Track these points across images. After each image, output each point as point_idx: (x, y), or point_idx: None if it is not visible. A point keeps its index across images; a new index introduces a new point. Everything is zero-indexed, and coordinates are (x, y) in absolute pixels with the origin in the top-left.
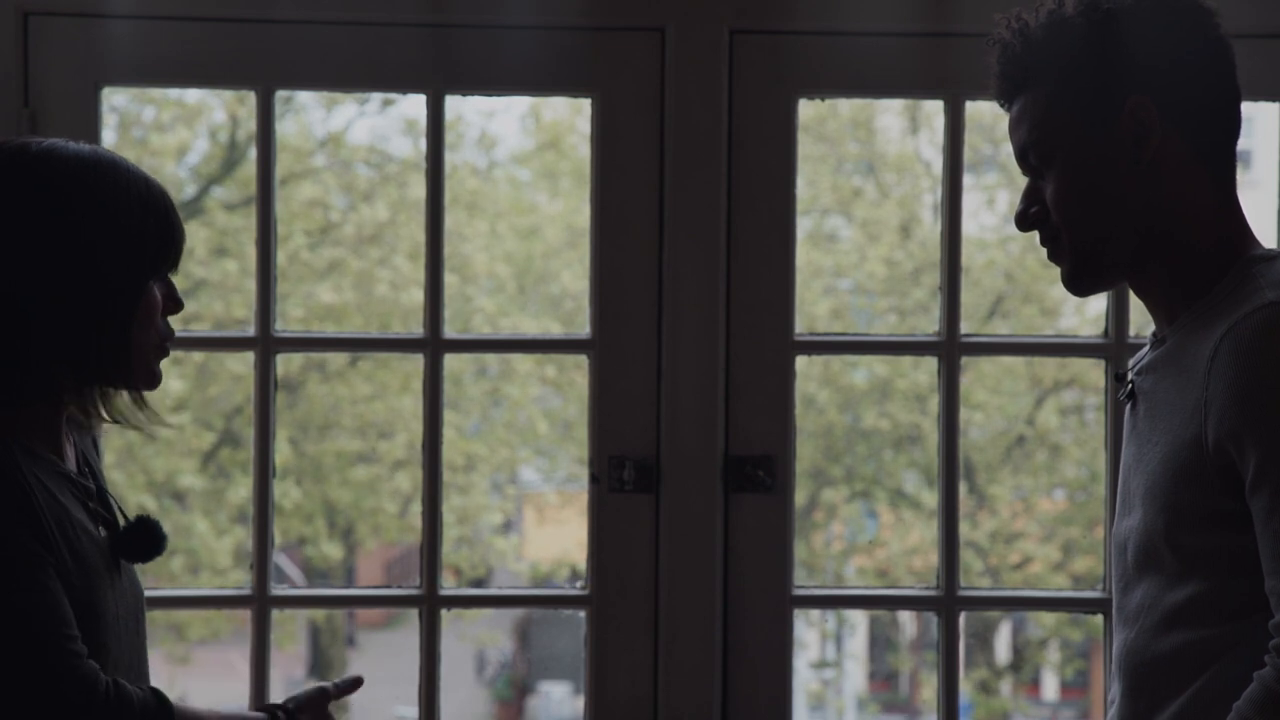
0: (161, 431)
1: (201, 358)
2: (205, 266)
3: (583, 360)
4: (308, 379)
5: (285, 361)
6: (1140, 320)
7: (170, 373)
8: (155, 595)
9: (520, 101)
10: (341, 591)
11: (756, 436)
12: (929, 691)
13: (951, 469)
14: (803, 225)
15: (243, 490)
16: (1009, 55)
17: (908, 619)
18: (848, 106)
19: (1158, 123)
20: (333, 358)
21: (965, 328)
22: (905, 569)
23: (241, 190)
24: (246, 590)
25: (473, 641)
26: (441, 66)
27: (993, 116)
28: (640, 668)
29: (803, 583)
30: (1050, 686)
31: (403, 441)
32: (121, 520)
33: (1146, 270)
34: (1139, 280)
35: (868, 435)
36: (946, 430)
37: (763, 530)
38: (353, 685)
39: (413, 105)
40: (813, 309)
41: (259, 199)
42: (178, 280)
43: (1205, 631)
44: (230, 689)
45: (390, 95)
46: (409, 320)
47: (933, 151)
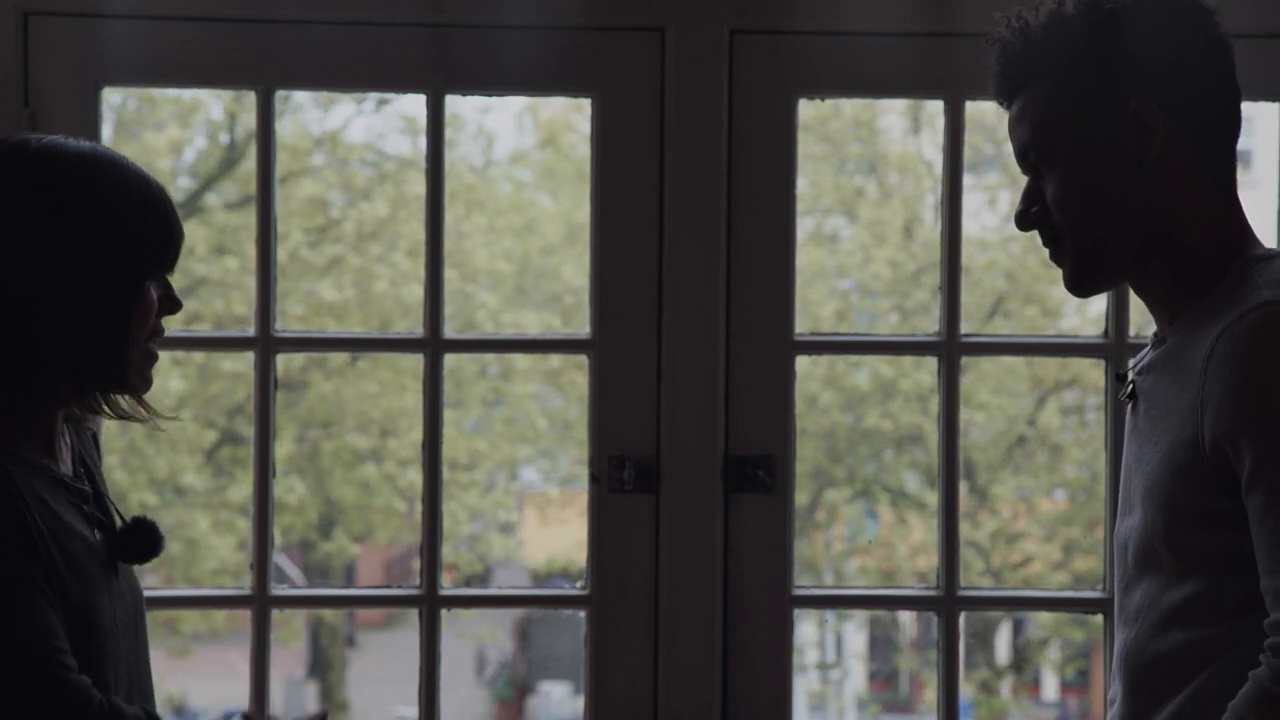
0: (165, 425)
1: (202, 355)
2: (205, 264)
3: (582, 359)
4: (310, 376)
5: (287, 359)
6: (1140, 320)
7: (171, 372)
8: (155, 595)
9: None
10: (341, 591)
11: (756, 436)
12: (930, 691)
13: (952, 469)
14: (806, 226)
15: (244, 488)
16: (1009, 54)
17: (908, 619)
18: (850, 106)
19: (1160, 123)
20: (333, 356)
21: (966, 328)
22: (908, 570)
23: (241, 189)
24: (246, 590)
25: (473, 639)
26: (441, 66)
27: (994, 116)
28: (640, 668)
29: (803, 583)
30: (1050, 686)
31: (404, 438)
32: (118, 522)
33: (1148, 270)
34: (1140, 280)
35: (870, 436)
36: (946, 430)
37: (763, 530)
38: None
39: (410, 103)
40: (818, 310)
41: (259, 198)
42: (177, 279)
43: (1203, 631)
44: (230, 689)
45: (386, 94)
46: (409, 316)
47: (935, 152)
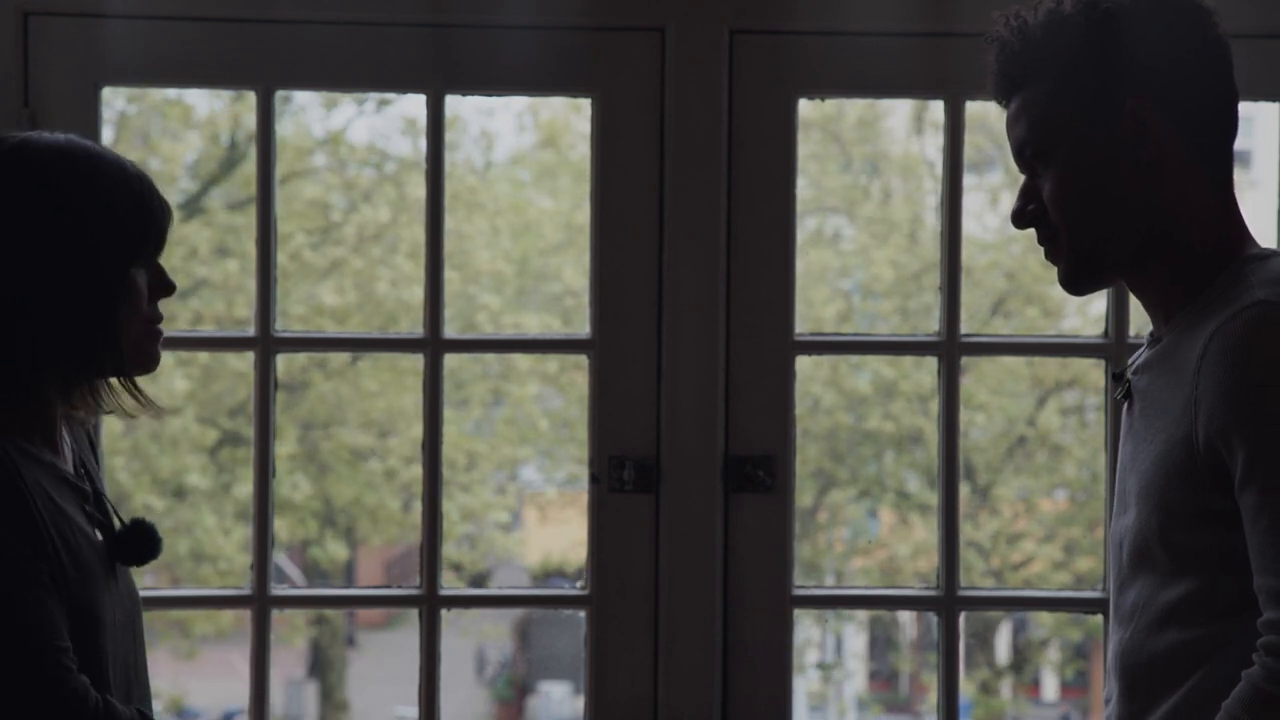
0: (162, 417)
1: (205, 356)
2: (207, 266)
3: (582, 360)
4: (311, 377)
5: (289, 360)
6: (1141, 321)
7: (175, 372)
8: (156, 595)
9: (518, 100)
10: (341, 591)
11: (756, 436)
12: (930, 692)
13: (952, 469)
14: (809, 226)
15: (248, 486)
16: (1007, 53)
17: (908, 619)
18: (853, 107)
19: (1158, 122)
20: (335, 356)
21: (967, 328)
22: (909, 571)
23: (242, 190)
24: (247, 590)
25: (474, 636)
26: (441, 66)
27: (996, 116)
28: (640, 668)
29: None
30: (1050, 687)
31: (406, 438)
32: (117, 523)
33: (1146, 270)
34: (1138, 280)
35: (871, 437)
36: (947, 430)
37: (763, 530)
38: None
39: (411, 104)
40: (819, 311)
41: (259, 199)
42: (179, 280)
43: (1198, 630)
44: (231, 689)
45: (386, 95)
46: (410, 319)
47: (938, 153)
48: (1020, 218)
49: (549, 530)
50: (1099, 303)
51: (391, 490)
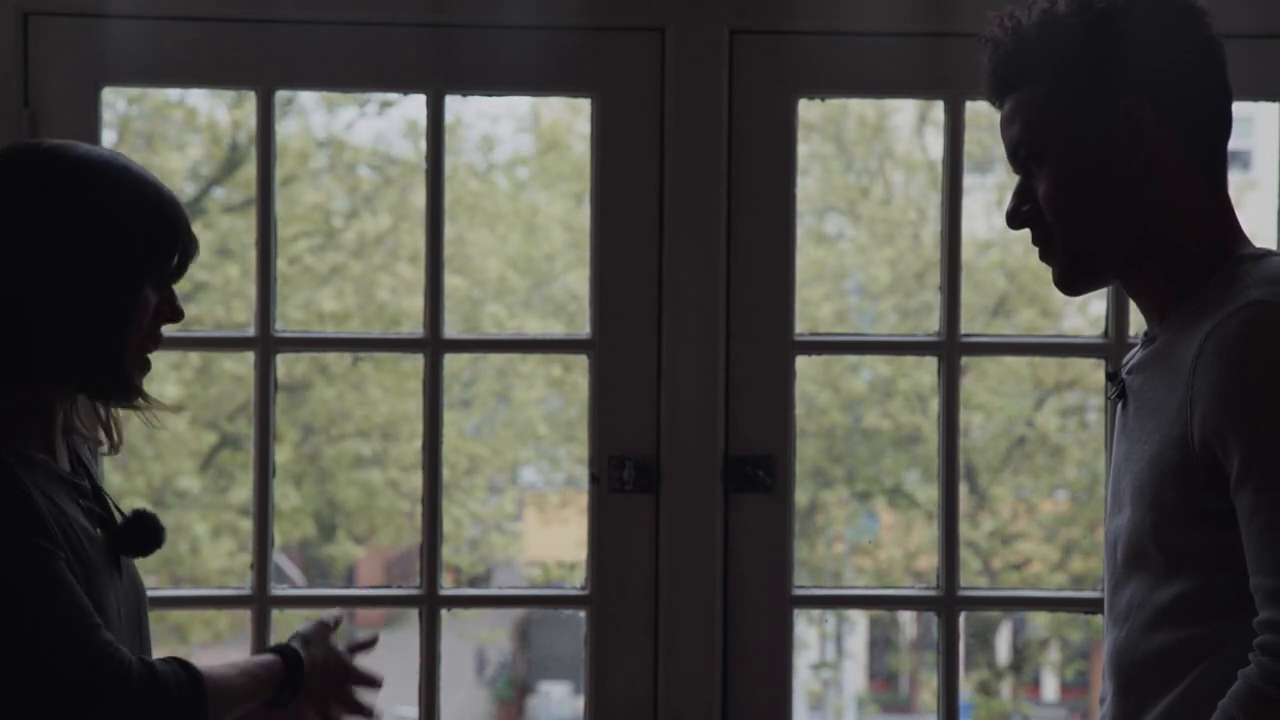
0: (166, 417)
1: (201, 360)
2: (208, 270)
3: (583, 363)
4: (311, 379)
5: (288, 365)
6: (1141, 321)
7: (169, 376)
8: (155, 595)
9: (520, 105)
10: (341, 591)
11: (756, 436)
12: (929, 692)
13: (952, 469)
14: (809, 225)
15: (243, 491)
16: (1001, 53)
17: (908, 619)
18: (857, 106)
19: (1153, 123)
20: (335, 361)
21: (968, 328)
22: (906, 570)
23: (243, 193)
24: (246, 590)
25: (473, 639)
26: (441, 66)
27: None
28: (640, 668)
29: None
30: (1050, 687)
31: (405, 442)
32: (118, 516)
33: (1141, 270)
34: (1133, 280)
35: (869, 436)
36: (947, 430)
37: (763, 530)
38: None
39: (413, 107)
40: (815, 311)
41: (259, 199)
42: (181, 286)
43: (1193, 630)
44: None
45: (389, 97)
46: (412, 323)
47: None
48: (1015, 218)
49: (550, 530)
50: (1099, 303)
51: (392, 495)
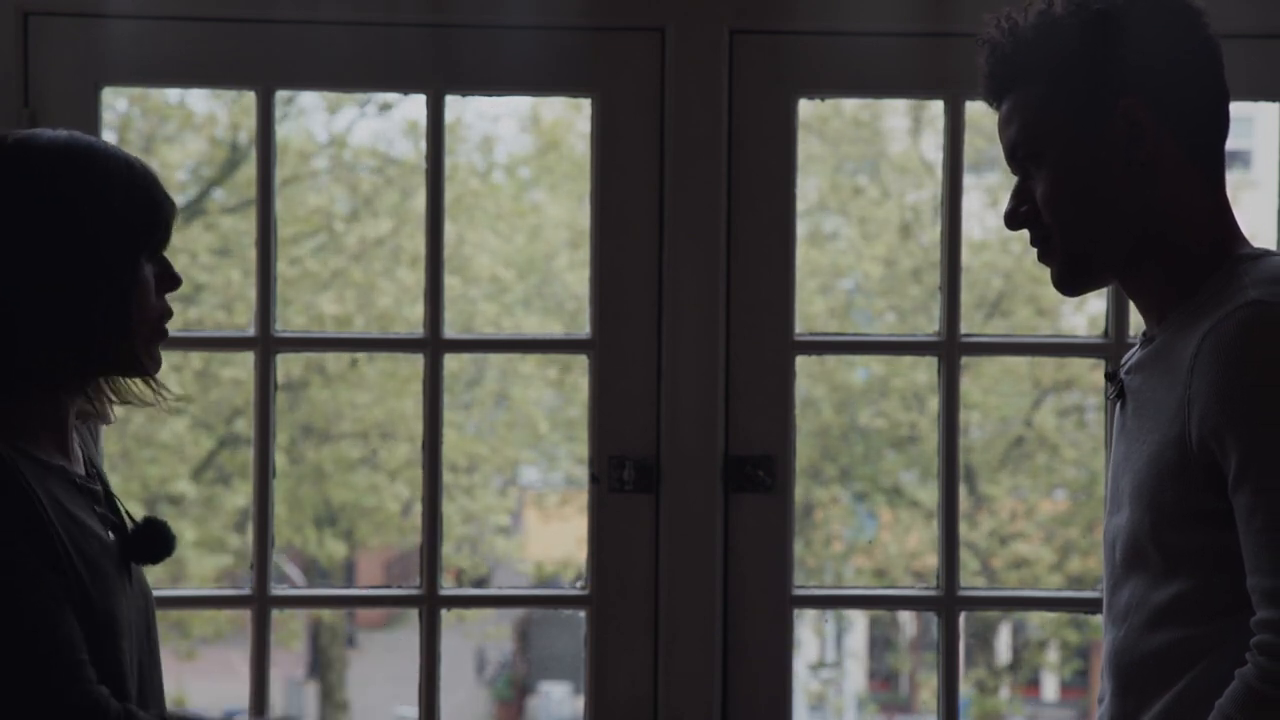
0: (174, 409)
1: (200, 363)
2: (208, 272)
3: (583, 364)
4: (310, 381)
5: (286, 369)
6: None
7: (169, 379)
8: (156, 594)
9: (521, 105)
10: (341, 591)
11: (756, 436)
12: (929, 692)
13: (951, 469)
14: (803, 225)
15: (240, 498)
16: (998, 55)
17: (908, 619)
18: (851, 106)
19: (1152, 123)
20: (334, 363)
21: (963, 328)
22: (906, 570)
23: (243, 195)
24: (246, 590)
25: (475, 639)
26: (441, 66)
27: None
28: (640, 668)
29: (802, 583)
30: (1050, 687)
31: (404, 444)
32: (129, 522)
33: (1141, 271)
34: (1131, 280)
35: (865, 434)
36: (946, 430)
37: (763, 530)
38: None
39: (414, 108)
40: (806, 308)
41: (259, 199)
42: (184, 283)
43: (1191, 630)
44: (231, 689)
45: (390, 98)
46: (411, 326)
47: (935, 152)
48: (1013, 219)
49: (551, 529)
50: (1096, 303)
51: (391, 497)
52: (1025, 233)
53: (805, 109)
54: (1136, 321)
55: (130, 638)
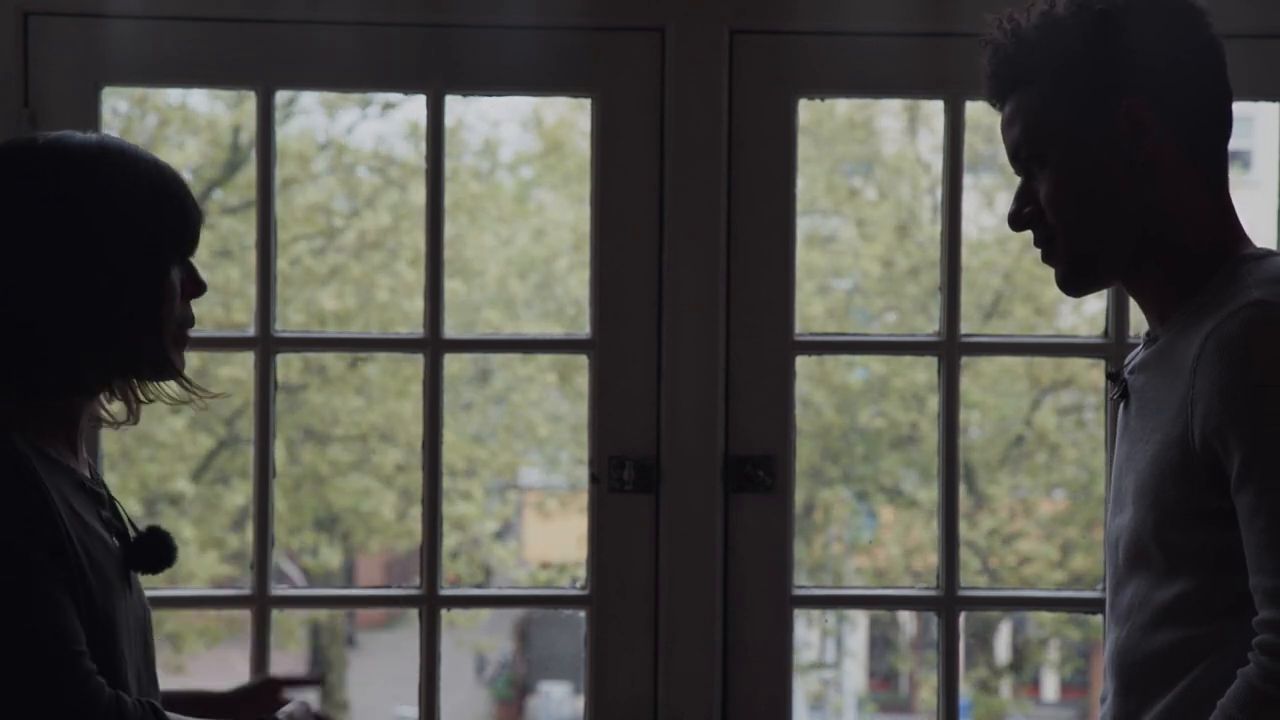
0: (210, 403)
1: (199, 361)
2: (208, 271)
3: (583, 365)
4: (309, 383)
5: (285, 370)
6: (1140, 320)
7: None
8: (155, 595)
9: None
10: (341, 591)
11: (756, 436)
12: (929, 691)
13: (951, 469)
14: (801, 226)
15: (240, 496)
16: (1001, 55)
17: (908, 619)
18: (845, 107)
19: (1154, 123)
20: (333, 365)
21: (963, 328)
22: (906, 570)
23: (244, 195)
24: (246, 590)
25: (471, 648)
26: (441, 66)
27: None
28: (640, 668)
29: (802, 583)
30: (1050, 686)
31: (402, 448)
32: (131, 531)
33: (1142, 271)
34: (1134, 280)
35: (865, 435)
36: (946, 430)
37: (763, 530)
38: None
39: (415, 109)
40: (805, 309)
41: (259, 198)
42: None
43: (1194, 629)
44: None
45: (391, 100)
46: (411, 325)
47: (930, 153)
48: (1017, 220)
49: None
50: (1095, 302)
51: (387, 500)
52: (1024, 233)
53: (800, 111)
54: (1136, 321)
55: (129, 644)
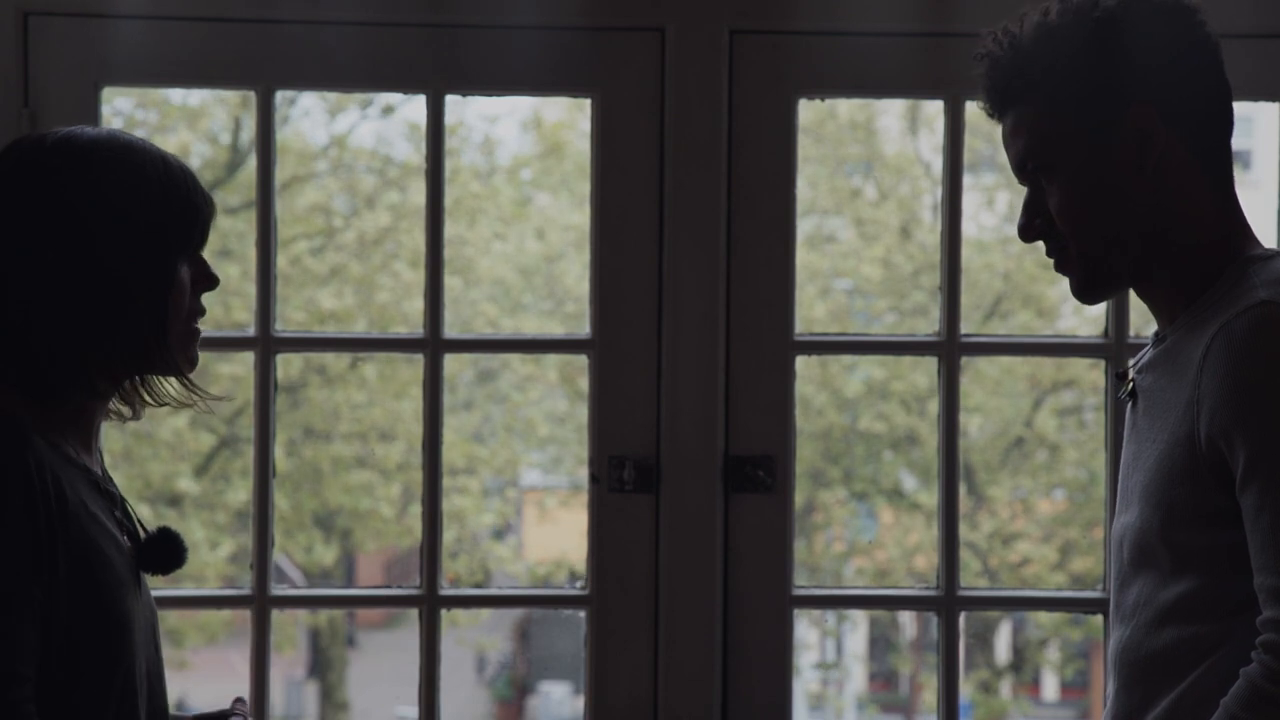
0: (214, 406)
1: (199, 362)
2: None
3: (583, 364)
4: (309, 381)
5: (285, 370)
6: (1140, 321)
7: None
8: (156, 595)
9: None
10: (341, 591)
11: (756, 436)
12: (929, 692)
13: (952, 469)
14: (801, 227)
15: (242, 493)
16: (1000, 68)
17: (908, 619)
18: (846, 108)
19: (1159, 127)
20: (332, 364)
21: (963, 329)
22: (906, 570)
23: (244, 195)
24: (246, 590)
25: (471, 647)
26: (442, 66)
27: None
28: (640, 668)
29: (802, 583)
30: (1050, 686)
31: (402, 446)
32: (141, 532)
33: (1149, 272)
34: (1141, 281)
35: (866, 437)
36: (946, 431)
37: (763, 530)
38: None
39: (415, 109)
40: (807, 312)
41: (259, 198)
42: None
43: (1198, 628)
44: (230, 690)
45: (391, 100)
46: (411, 325)
47: (930, 153)
48: (1028, 232)
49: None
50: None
51: (387, 498)
52: (1027, 244)
53: (800, 111)
54: (1136, 322)
55: (141, 644)
